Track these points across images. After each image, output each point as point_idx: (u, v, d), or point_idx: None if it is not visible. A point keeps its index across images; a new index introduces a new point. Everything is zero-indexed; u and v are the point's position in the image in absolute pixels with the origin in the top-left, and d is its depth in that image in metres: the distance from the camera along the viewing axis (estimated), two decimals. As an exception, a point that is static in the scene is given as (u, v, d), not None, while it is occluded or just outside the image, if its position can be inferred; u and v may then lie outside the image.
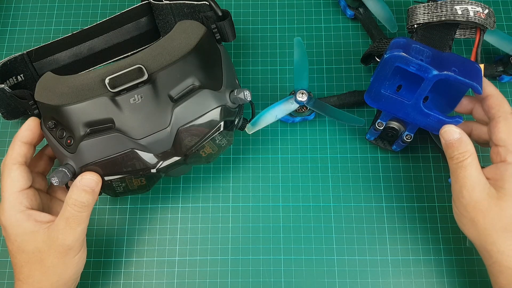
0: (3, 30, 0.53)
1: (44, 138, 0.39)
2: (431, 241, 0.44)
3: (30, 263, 0.36)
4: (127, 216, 0.45)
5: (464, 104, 0.40)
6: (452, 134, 0.36)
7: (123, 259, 0.44)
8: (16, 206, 0.36)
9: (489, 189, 0.35)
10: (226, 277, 0.43)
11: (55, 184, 0.35)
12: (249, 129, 0.44)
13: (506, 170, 0.35)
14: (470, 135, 0.40)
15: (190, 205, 0.46)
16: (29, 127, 0.38)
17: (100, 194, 0.40)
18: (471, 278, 0.42)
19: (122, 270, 0.44)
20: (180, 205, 0.46)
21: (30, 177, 0.38)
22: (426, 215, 0.44)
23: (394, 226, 0.44)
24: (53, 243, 0.36)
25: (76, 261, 0.37)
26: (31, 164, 0.41)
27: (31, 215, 0.36)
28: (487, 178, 0.36)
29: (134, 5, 0.47)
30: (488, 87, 0.38)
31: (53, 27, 0.53)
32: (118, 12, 0.47)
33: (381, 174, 0.46)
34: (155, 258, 0.44)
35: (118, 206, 0.46)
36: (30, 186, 0.38)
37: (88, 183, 0.36)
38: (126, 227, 0.45)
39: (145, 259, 0.44)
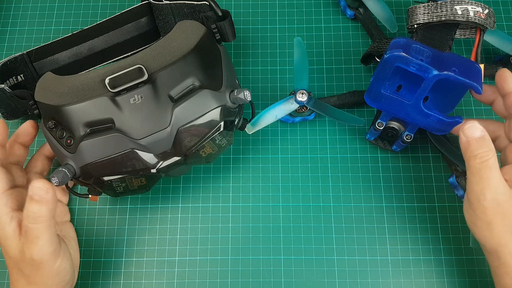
0: (3, 30, 0.53)
1: (20, 139, 0.38)
2: (431, 241, 0.44)
3: (16, 269, 0.36)
4: (127, 216, 0.45)
5: (488, 94, 0.39)
6: (475, 131, 0.34)
7: (123, 259, 0.44)
8: (1, 208, 0.35)
9: (509, 191, 0.33)
10: (226, 277, 0.43)
11: (55, 184, 0.35)
12: (249, 129, 0.44)
13: None
14: None
15: (190, 205, 0.46)
16: None
17: (100, 194, 0.40)
18: (471, 278, 0.42)
19: (122, 270, 0.44)
20: (180, 205, 0.46)
21: (9, 177, 0.37)
22: (426, 215, 0.44)
23: (394, 226, 0.44)
24: (23, 255, 0.34)
25: (55, 272, 0.35)
26: (29, 165, 0.41)
27: (14, 218, 0.35)
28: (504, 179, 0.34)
29: (134, 5, 0.47)
30: None
31: (53, 27, 0.53)
32: (118, 12, 0.47)
33: (381, 174, 0.46)
34: (155, 258, 0.44)
35: (118, 206, 0.46)
36: (14, 187, 0.37)
37: (36, 192, 0.33)
38: (126, 227, 0.45)
39: (145, 259, 0.44)
